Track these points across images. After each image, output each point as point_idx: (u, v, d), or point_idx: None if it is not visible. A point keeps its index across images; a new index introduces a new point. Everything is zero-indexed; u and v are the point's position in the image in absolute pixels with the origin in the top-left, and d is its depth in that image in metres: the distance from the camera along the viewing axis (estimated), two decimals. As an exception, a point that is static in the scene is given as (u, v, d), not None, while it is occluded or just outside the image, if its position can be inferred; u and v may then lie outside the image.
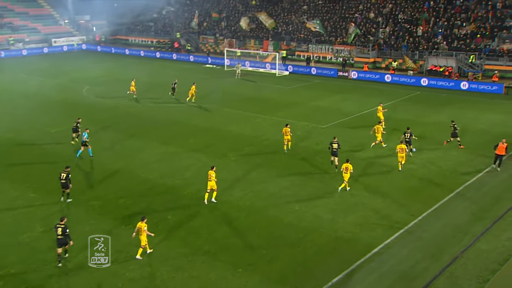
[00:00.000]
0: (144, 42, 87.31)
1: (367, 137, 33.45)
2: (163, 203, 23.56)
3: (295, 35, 70.37)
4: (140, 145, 32.25)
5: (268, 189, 25.17)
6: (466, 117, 38.81)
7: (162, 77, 56.29)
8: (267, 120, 38.39)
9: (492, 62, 54.43)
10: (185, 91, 45.39)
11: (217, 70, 61.08)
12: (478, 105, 43.21)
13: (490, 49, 55.39)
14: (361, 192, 24.71)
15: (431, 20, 61.88)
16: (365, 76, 56.74)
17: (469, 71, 54.09)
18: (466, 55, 55.21)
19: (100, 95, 47.17)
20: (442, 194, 24.40)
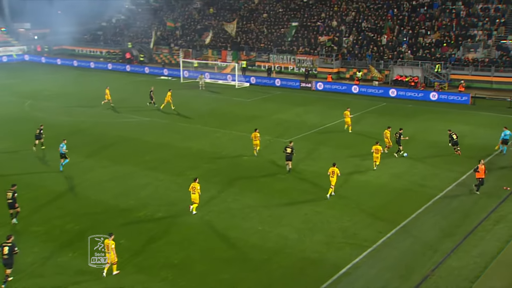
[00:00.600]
0: (92, 53, 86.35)
1: (332, 151, 34.00)
2: (116, 227, 23.19)
3: (255, 44, 71.09)
4: (90, 164, 31.77)
5: (230, 209, 25.19)
6: (435, 129, 39.95)
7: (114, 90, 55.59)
8: (227, 135, 38.50)
9: (458, 71, 56.44)
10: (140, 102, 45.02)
11: (173, 82, 60.93)
12: (446, 116, 44.57)
13: (455, 58, 57.45)
14: (327, 210, 25.03)
15: (395, 29, 63.74)
16: (331, 87, 57.72)
17: (435, 81, 55.86)
18: (431, 64, 57.05)
19: (44, 110, 46.25)
20: (411, 209, 24.99)
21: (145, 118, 43.72)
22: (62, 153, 30.53)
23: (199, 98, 53.38)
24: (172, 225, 23.36)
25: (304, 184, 28.56)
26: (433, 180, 29.05)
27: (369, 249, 21.26)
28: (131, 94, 51.54)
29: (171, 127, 41.00)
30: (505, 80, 54.58)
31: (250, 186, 28.12)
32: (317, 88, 58.39)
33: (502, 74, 54.85)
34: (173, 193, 27.18)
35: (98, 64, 77.40)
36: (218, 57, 72.27)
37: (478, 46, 57.82)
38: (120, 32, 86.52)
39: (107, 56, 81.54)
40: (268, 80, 62.26)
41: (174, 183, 28.53)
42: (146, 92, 49.21)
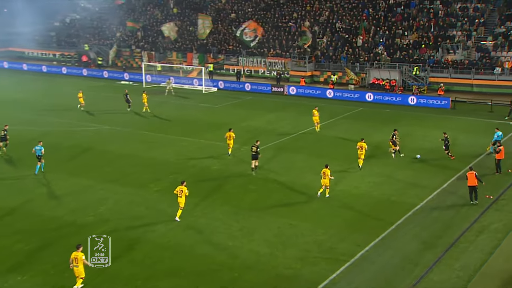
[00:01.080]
0: (45, 56, 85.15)
1: (305, 160, 34.17)
2: (72, 246, 22.69)
3: (223, 46, 71.13)
4: (43, 177, 31.24)
5: (197, 223, 25.02)
6: (415, 135, 40.55)
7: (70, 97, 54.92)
8: (194, 144, 38.34)
9: (437, 74, 57.53)
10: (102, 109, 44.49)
11: (135, 87, 60.46)
12: (426, 122, 45.28)
13: (434, 60, 58.51)
14: (301, 223, 25.06)
15: (371, 29, 64.62)
16: (304, 92, 58.05)
17: (413, 84, 56.77)
18: (409, 67, 57.98)
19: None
20: (390, 220, 25.20)
21: (105, 126, 43.24)
22: (40, 155, 31.64)
23: (163, 104, 53.06)
24: (135, 242, 23.05)
25: (277, 194, 28.58)
26: (413, 189, 29.40)
27: (346, 263, 21.32)
28: (90, 101, 50.93)
29: (134, 136, 40.63)
30: (486, 83, 55.87)
31: (219, 198, 28.00)
32: (289, 92, 58.70)
33: (483, 77, 56.12)
34: (135, 207, 26.87)
35: (51, 68, 76.38)
36: (183, 60, 72.14)
37: (458, 48, 59.06)
38: (76, 33, 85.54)
39: (61, 59, 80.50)
40: (237, 85, 62.34)
41: (136, 196, 28.22)
42: (106, 98, 48.75)
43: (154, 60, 72.61)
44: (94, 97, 54.20)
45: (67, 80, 68.88)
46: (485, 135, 40.04)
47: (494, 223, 25.02)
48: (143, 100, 48.72)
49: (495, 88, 55.20)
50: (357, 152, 32.39)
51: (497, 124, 40.84)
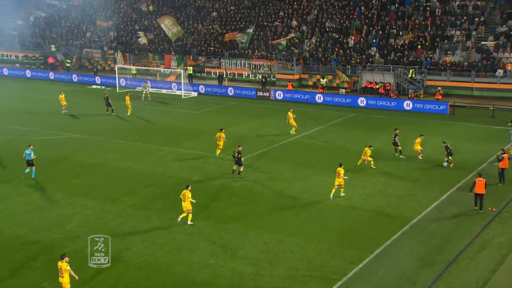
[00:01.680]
0: (6, 57, 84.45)
1: (293, 170, 34.19)
2: (37, 267, 22.51)
3: (204, 47, 71.17)
4: (4, 192, 30.93)
5: (175, 240, 24.88)
6: (411, 142, 40.52)
7: (32, 102, 54.62)
8: (172, 153, 38.22)
9: (435, 77, 58.05)
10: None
11: (108, 92, 60.05)
12: (423, 128, 45.33)
13: (431, 62, 59.02)
14: (289, 238, 25.04)
15: (363, 29, 65.08)
16: (292, 97, 58.20)
17: (409, 88, 57.20)
18: (405, 69, 58.42)
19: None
20: (385, 235, 25.25)
21: (74, 134, 42.94)
22: (30, 160, 32.57)
23: (139, 110, 52.80)
24: (108, 261, 22.83)
25: (262, 207, 28.58)
26: (410, 201, 29.53)
27: (338, 282, 21.30)
28: (58, 107, 50.65)
29: (105, 145, 40.40)
30: (487, 86, 56.43)
31: (199, 213, 27.82)
32: (276, 97, 58.83)
33: (483, 80, 56.67)
34: (108, 223, 26.67)
35: (14, 71, 75.74)
36: (160, 63, 72.07)
37: (456, 48, 59.65)
38: (41, 33, 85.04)
39: (25, 61, 79.94)
40: (219, 89, 62.38)
41: (108, 212, 28.02)
42: (76, 104, 48.44)
43: (128, 63, 72.42)
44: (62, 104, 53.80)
45: (31, 84, 68.38)
46: (486, 142, 40.45)
47: (497, 237, 25.18)
48: (126, 103, 49.46)
49: (497, 91, 55.81)
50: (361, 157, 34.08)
51: (500, 130, 41.19)
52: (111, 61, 75.52)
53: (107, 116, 49.57)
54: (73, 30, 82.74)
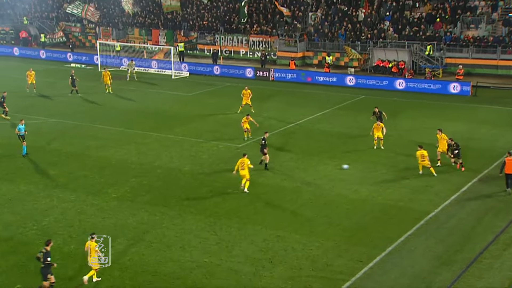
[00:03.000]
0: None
1: (295, 159, 34.28)
2: (9, 267, 22.61)
3: (196, 21, 70.98)
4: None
5: (164, 236, 24.98)
6: (427, 128, 40.75)
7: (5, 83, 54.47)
8: (160, 140, 38.26)
9: (455, 54, 57.92)
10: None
11: (87, 72, 60.15)
12: (441, 112, 45.62)
13: (451, 37, 58.88)
14: (291, 234, 25.12)
15: (375, 1, 64.87)
16: (294, 77, 58.16)
17: (426, 67, 57.13)
18: (421, 45, 58.30)
19: None
20: (397, 231, 25.31)
21: (50, 119, 42.92)
22: (23, 135, 34.64)
23: (123, 91, 52.81)
24: (88, 261, 22.95)
25: (261, 201, 28.65)
26: (425, 193, 29.60)
27: (345, 283, 21.38)
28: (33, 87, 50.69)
29: (85, 131, 40.42)
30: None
31: (191, 206, 27.94)
32: (276, 78, 58.75)
33: (511, 57, 56.44)
34: (88, 218, 26.73)
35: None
36: (147, 39, 71.91)
37: (480, 22, 59.51)
38: (11, 3, 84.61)
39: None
40: (213, 68, 62.25)
41: (89, 205, 28.09)
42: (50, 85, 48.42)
43: (111, 38, 72.24)
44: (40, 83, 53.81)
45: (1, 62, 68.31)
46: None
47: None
48: (103, 78, 50.20)
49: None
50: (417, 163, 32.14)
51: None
52: (91, 37, 75.28)
53: (86, 98, 49.48)
54: (47, 1, 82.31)
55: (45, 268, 20.28)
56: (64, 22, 78.18)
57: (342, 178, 31.36)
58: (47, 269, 20.28)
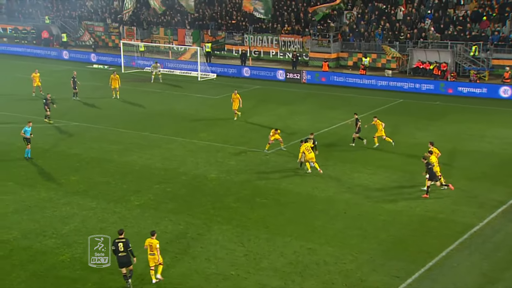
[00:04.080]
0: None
1: (327, 166, 34.18)
2: (27, 277, 22.83)
3: (224, 20, 71.21)
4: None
5: (189, 247, 25.04)
6: (470, 134, 40.48)
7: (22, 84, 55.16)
8: (185, 145, 38.44)
9: (503, 55, 57.17)
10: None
11: (110, 73, 60.57)
12: (486, 117, 45.31)
13: (499, 37, 58.14)
14: (323, 247, 25.03)
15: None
16: (328, 79, 58.09)
17: (471, 69, 56.57)
18: (466, 46, 57.75)
19: None
20: (438, 245, 25.06)
21: (71, 122, 43.36)
22: (28, 138, 35.26)
23: (147, 94, 53.20)
24: (109, 273, 23.07)
25: (291, 211, 28.61)
26: (469, 204, 29.30)
27: (381, 300, 21.33)
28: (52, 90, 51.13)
29: (107, 135, 40.76)
30: None
31: (217, 215, 27.98)
32: (308, 80, 58.68)
33: None
34: (109, 226, 26.85)
35: (1, 47, 76.77)
36: (173, 39, 72.31)
37: (530, 20, 58.79)
38: (33, 2, 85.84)
39: (14, 36, 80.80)
40: (242, 70, 62.38)
41: (111, 213, 28.27)
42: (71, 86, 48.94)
43: (135, 38, 72.81)
44: (56, 85, 54.39)
45: (22, 62, 69.23)
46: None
47: None
48: (111, 82, 50.31)
49: None
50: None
51: None
52: (115, 36, 75.98)
53: (108, 101, 49.93)
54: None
55: (128, 255, 21.88)
56: (86, 21, 78.96)
57: (378, 187, 31.18)
58: (130, 256, 21.94)
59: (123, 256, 21.74)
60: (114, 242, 21.91)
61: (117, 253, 21.78)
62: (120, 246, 21.75)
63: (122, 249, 21.74)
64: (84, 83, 53.88)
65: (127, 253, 21.80)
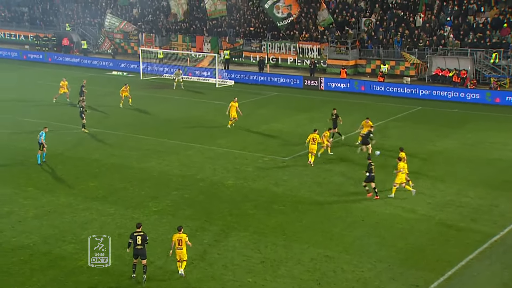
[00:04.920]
0: (14, 38, 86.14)
1: (345, 173, 34.18)
2: (47, 282, 22.93)
3: (242, 28, 71.34)
4: (6, 194, 31.50)
5: (206, 253, 25.04)
6: (491, 142, 40.22)
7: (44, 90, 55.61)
8: (203, 152, 38.50)
9: (524, 62, 56.72)
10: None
11: (128, 80, 60.91)
12: (506, 125, 44.93)
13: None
14: (341, 254, 24.93)
15: (435, 5, 64.24)
16: (345, 86, 57.99)
17: (491, 76, 56.23)
18: (486, 53, 57.42)
19: None
20: (458, 254, 24.89)
21: (91, 128, 43.57)
22: (41, 143, 35.56)
23: (165, 101, 53.40)
24: (127, 278, 23.15)
25: (309, 218, 28.55)
26: (490, 213, 29.08)
27: (399, 309, 21.18)
28: (72, 97, 51.62)
29: (126, 141, 40.94)
30: None
31: (234, 222, 27.99)
32: (326, 87, 58.63)
33: None
34: (127, 232, 26.58)
35: (24, 54, 77.50)
36: (191, 46, 72.52)
37: (553, 27, 58.33)
38: (54, 10, 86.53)
39: (36, 43, 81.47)
40: (260, 77, 62.45)
41: (129, 219, 28.32)
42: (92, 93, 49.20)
43: (154, 45, 73.14)
44: (77, 92, 54.68)
45: (43, 69, 69.82)
46: None
47: None
48: (121, 92, 50.57)
49: None
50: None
51: None
52: (134, 43, 76.36)
53: (125, 108, 50.10)
54: (90, 6, 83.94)
55: (144, 248, 22.73)
56: (106, 28, 79.46)
57: (396, 195, 30.99)
58: (145, 249, 22.81)
59: (139, 249, 22.61)
60: (132, 235, 22.79)
61: (134, 245, 22.63)
62: (138, 239, 22.60)
63: (140, 242, 22.60)
64: (101, 89, 54.10)
65: (144, 246, 22.61)
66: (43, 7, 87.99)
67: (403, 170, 30.55)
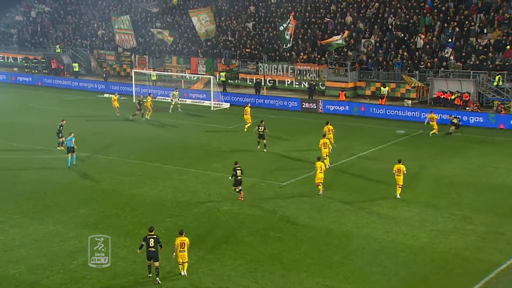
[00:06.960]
0: (2, 60, 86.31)
1: (344, 199, 34.05)
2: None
3: (238, 49, 71.54)
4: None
5: (201, 283, 24.89)
6: (495, 167, 40.17)
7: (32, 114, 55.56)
8: (198, 177, 38.44)
9: (528, 85, 56.77)
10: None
11: (121, 103, 60.92)
12: (510, 150, 44.87)
13: (525, 66, 57.83)
14: (342, 284, 24.79)
15: (436, 26, 64.51)
16: (345, 109, 58.06)
17: (494, 99, 56.30)
18: (489, 75, 57.53)
19: None
20: (463, 284, 24.79)
21: (81, 153, 43.42)
22: (71, 146, 39.20)
23: (159, 124, 53.34)
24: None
25: (307, 245, 28.43)
26: (495, 241, 28.95)
27: None
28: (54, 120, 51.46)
29: (118, 166, 40.84)
30: None
31: (230, 250, 27.86)
32: (325, 109, 58.67)
33: None
34: (119, 261, 26.76)
35: (12, 76, 77.54)
36: (185, 67, 72.67)
37: (557, 49, 58.52)
38: (44, 31, 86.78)
39: (25, 65, 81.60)
40: (256, 99, 62.49)
41: (120, 247, 28.13)
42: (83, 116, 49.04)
43: (147, 67, 73.26)
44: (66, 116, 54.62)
45: (33, 92, 69.85)
46: None
47: None
48: (146, 104, 53.83)
49: None
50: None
51: None
52: (126, 65, 76.48)
53: (119, 131, 50.03)
54: (82, 28, 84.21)
55: (157, 250, 24.65)
56: (98, 49, 79.65)
57: (398, 221, 30.92)
58: (158, 251, 24.75)
59: (152, 251, 24.52)
60: (146, 238, 24.76)
61: (147, 247, 24.53)
62: (151, 242, 24.51)
63: (152, 245, 24.52)
64: (94, 112, 53.99)
65: (156, 249, 24.52)
66: (32, 28, 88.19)
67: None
